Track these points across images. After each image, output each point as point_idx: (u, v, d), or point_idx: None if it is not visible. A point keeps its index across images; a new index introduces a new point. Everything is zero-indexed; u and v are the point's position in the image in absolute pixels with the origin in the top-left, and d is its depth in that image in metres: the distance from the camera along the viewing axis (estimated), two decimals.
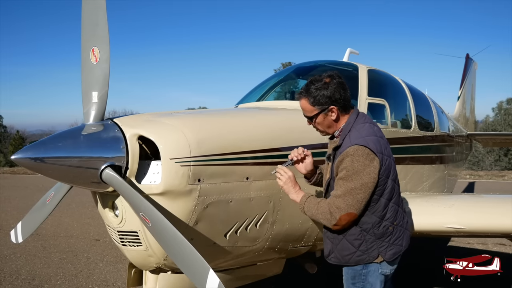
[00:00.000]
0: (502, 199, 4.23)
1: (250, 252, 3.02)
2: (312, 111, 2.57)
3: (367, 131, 2.52)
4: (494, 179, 19.07)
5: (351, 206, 2.40)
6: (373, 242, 2.53)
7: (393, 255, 2.57)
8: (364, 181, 2.38)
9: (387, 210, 2.53)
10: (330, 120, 2.58)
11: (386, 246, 2.55)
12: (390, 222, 2.54)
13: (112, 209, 2.68)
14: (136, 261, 2.80)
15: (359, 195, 2.39)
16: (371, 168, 2.39)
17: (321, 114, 2.56)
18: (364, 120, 2.60)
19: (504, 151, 32.24)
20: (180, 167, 2.49)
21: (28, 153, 2.33)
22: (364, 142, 2.42)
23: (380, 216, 2.51)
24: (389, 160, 2.51)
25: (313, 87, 2.54)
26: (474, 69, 11.72)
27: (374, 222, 2.51)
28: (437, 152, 5.99)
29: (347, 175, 2.39)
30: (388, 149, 2.55)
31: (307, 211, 2.56)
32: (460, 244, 7.19)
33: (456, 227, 3.41)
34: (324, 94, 2.51)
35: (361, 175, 2.38)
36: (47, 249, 7.16)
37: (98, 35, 2.57)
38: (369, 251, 2.53)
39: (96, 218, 9.08)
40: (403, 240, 2.62)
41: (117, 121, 2.56)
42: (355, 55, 5.93)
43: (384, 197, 2.50)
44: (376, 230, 2.52)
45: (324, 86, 2.52)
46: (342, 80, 2.58)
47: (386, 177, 2.49)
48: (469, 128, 10.54)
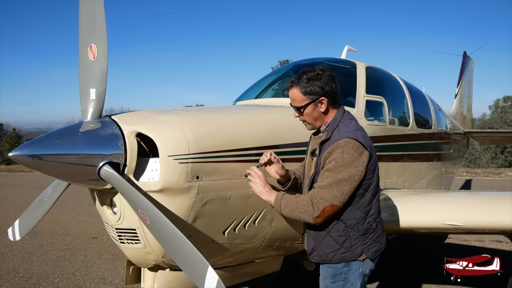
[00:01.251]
0: (499, 196, 4.25)
1: (249, 249, 3.02)
2: (302, 100, 2.53)
3: (355, 126, 2.52)
4: (490, 176, 19.15)
5: (335, 198, 2.36)
6: (357, 238, 2.49)
7: (375, 253, 2.55)
8: (352, 173, 2.36)
9: (372, 206, 2.52)
10: (319, 112, 2.55)
11: (369, 243, 2.52)
12: (373, 219, 2.53)
13: (110, 207, 2.67)
14: (135, 259, 2.79)
15: (345, 187, 2.36)
16: (359, 161, 2.38)
17: (311, 104, 2.53)
18: (350, 117, 2.59)
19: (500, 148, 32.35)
20: (179, 164, 2.48)
21: (25, 150, 2.32)
22: (354, 136, 2.42)
23: (364, 211, 2.49)
24: (375, 156, 2.51)
25: (305, 76, 2.52)
26: (471, 67, 11.74)
27: (359, 218, 2.48)
28: (434, 150, 6.01)
29: (336, 166, 2.36)
30: (373, 145, 2.55)
31: (284, 208, 2.47)
32: (457, 241, 7.21)
33: (453, 224, 3.41)
34: (317, 84, 2.49)
35: (350, 167, 2.36)
36: (45, 247, 7.14)
37: (96, 32, 2.56)
38: (352, 248, 2.49)
39: (93, 216, 9.07)
40: (383, 239, 2.61)
41: (115, 118, 2.55)
42: (353, 52, 5.94)
43: (370, 192, 2.49)
44: (360, 225, 2.49)
45: (316, 76, 2.50)
46: (333, 75, 2.57)
47: (373, 172, 2.49)
48: (466, 125, 10.57)
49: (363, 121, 4.18)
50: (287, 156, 2.99)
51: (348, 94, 4.59)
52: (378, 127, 4.40)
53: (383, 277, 5.43)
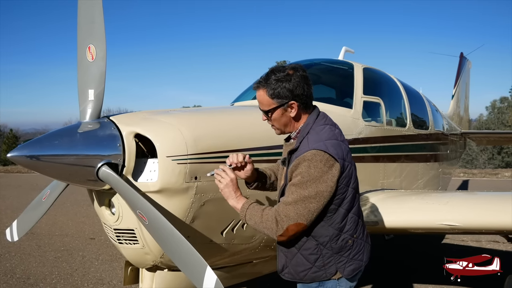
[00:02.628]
0: (496, 197, 4.27)
1: (247, 250, 3.03)
2: (269, 104, 2.26)
3: (327, 134, 2.23)
4: (487, 177, 19.19)
5: (301, 216, 2.11)
6: (331, 257, 2.25)
7: (353, 271, 2.29)
8: (320, 189, 2.11)
9: (346, 221, 2.26)
10: (288, 117, 2.28)
11: (345, 262, 2.28)
12: (349, 235, 2.28)
13: (109, 207, 2.68)
14: (133, 259, 2.80)
15: (312, 205, 2.12)
16: (329, 175, 2.12)
17: (279, 109, 2.25)
18: (325, 122, 2.31)
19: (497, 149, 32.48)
20: (177, 165, 2.49)
21: (24, 151, 2.33)
22: (324, 147, 2.14)
23: (338, 228, 2.24)
24: (350, 167, 2.24)
25: (274, 77, 2.23)
26: (468, 68, 11.79)
27: (331, 235, 2.24)
28: (431, 150, 6.03)
29: (302, 181, 2.11)
30: (350, 155, 2.27)
31: (248, 220, 2.23)
32: (454, 241, 7.24)
33: (450, 224, 3.43)
34: (286, 86, 2.21)
35: (317, 183, 2.10)
36: (42, 248, 7.13)
37: (94, 33, 2.57)
38: (326, 267, 2.26)
39: (91, 217, 9.06)
40: (364, 255, 2.35)
41: (114, 119, 2.56)
42: (351, 53, 5.96)
43: (343, 207, 2.24)
44: (334, 243, 2.25)
45: (286, 77, 2.22)
46: (307, 74, 2.28)
47: (346, 185, 2.22)
48: (463, 126, 10.61)
49: (360, 122, 4.20)
50: None
51: (345, 95, 4.61)
52: (376, 128, 4.41)
53: (380, 277, 5.45)
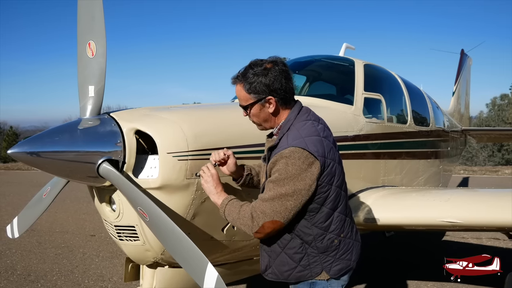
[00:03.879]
0: (497, 194, 4.26)
1: (247, 247, 3.03)
2: (247, 99, 2.23)
3: (308, 131, 2.18)
4: (488, 174, 19.19)
5: (277, 214, 2.08)
6: (316, 256, 2.22)
7: (339, 271, 2.25)
8: (298, 187, 2.07)
9: (332, 220, 2.22)
10: (267, 112, 2.25)
11: (332, 261, 2.24)
12: (335, 235, 2.23)
13: (109, 204, 2.67)
14: (133, 256, 2.80)
15: (289, 203, 2.08)
16: (307, 173, 2.08)
17: (256, 104, 2.22)
18: (307, 117, 2.25)
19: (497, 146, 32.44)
20: (178, 161, 2.48)
21: (24, 147, 2.32)
22: (303, 144, 2.10)
23: (322, 227, 2.20)
24: (333, 164, 2.18)
25: (251, 71, 2.19)
26: (468, 65, 11.77)
27: (315, 234, 2.20)
28: (432, 147, 6.03)
29: (279, 178, 2.08)
30: (334, 152, 2.23)
31: (227, 216, 2.24)
32: (455, 239, 7.24)
33: (451, 221, 3.42)
34: (262, 81, 2.17)
35: (295, 181, 2.06)
36: (43, 244, 7.14)
37: (94, 29, 2.55)
38: (311, 266, 2.22)
39: (91, 214, 9.07)
40: (352, 254, 2.30)
41: (114, 115, 2.55)
42: (351, 50, 5.95)
43: (327, 206, 2.19)
44: (319, 243, 2.21)
45: (263, 72, 2.18)
46: (286, 68, 2.23)
47: (329, 183, 2.17)
48: (463, 123, 10.59)
49: (361, 118, 4.19)
50: None
51: (346, 91, 4.60)
52: (376, 125, 4.40)
53: (379, 274, 5.45)
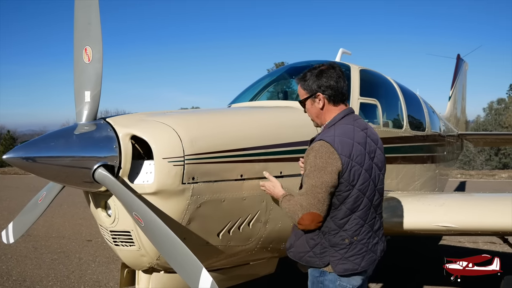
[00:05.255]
0: (493, 198, 4.28)
1: (243, 252, 3.03)
2: (303, 95, 2.57)
3: (343, 132, 2.38)
4: (485, 178, 19.25)
5: (312, 206, 2.28)
6: (326, 248, 2.38)
7: (344, 270, 2.36)
8: (325, 179, 2.27)
9: (348, 220, 2.36)
10: (317, 108, 2.52)
11: (339, 258, 2.37)
12: (348, 235, 2.36)
13: (105, 209, 2.67)
14: (129, 261, 2.79)
15: (320, 195, 2.27)
16: (332, 167, 2.27)
17: (309, 99, 2.53)
18: (350, 122, 2.46)
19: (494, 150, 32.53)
20: (173, 166, 2.49)
21: (20, 152, 2.32)
22: (331, 140, 2.32)
23: (338, 224, 2.36)
24: (357, 168, 2.34)
25: (309, 73, 2.54)
26: (465, 70, 11.82)
27: (330, 228, 2.37)
28: (428, 152, 6.04)
29: (310, 171, 2.31)
30: (363, 158, 2.37)
31: (283, 209, 2.49)
32: (451, 243, 7.25)
33: (447, 225, 3.44)
34: (315, 80, 2.49)
35: (322, 173, 2.27)
36: (39, 250, 7.12)
37: (91, 35, 2.57)
38: (321, 255, 2.39)
39: (88, 219, 9.04)
40: (362, 260, 2.39)
41: (110, 120, 2.56)
42: (347, 55, 5.97)
43: (345, 205, 2.34)
44: (331, 237, 2.36)
45: (318, 73, 2.50)
46: (340, 73, 2.52)
47: (350, 184, 2.32)
48: (460, 128, 10.63)
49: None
50: (280, 156, 3.01)
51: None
52: None
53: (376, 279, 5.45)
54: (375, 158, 2.46)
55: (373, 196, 2.43)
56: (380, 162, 2.50)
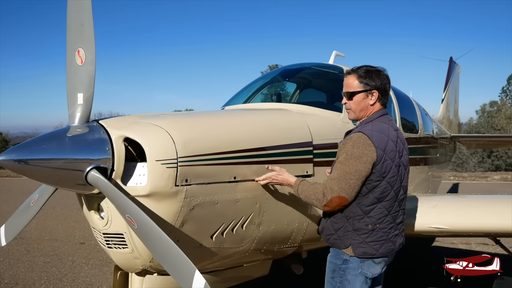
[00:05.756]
0: (485, 200, 4.32)
1: (237, 254, 3.03)
2: (356, 87, 2.68)
3: (379, 128, 2.59)
4: (477, 180, 19.38)
5: (343, 190, 2.48)
6: (349, 231, 2.58)
7: (363, 254, 2.57)
8: (359, 168, 2.46)
9: (373, 209, 2.55)
10: (367, 103, 2.68)
11: (360, 242, 2.57)
12: (372, 222, 2.56)
13: (98, 211, 2.66)
14: (122, 264, 2.79)
15: (352, 181, 2.47)
16: (368, 158, 2.47)
17: (363, 93, 2.67)
18: (385, 121, 2.68)
19: (487, 152, 32.74)
20: (166, 168, 2.48)
21: (12, 155, 2.31)
22: (369, 133, 2.52)
23: (364, 210, 2.55)
24: (389, 162, 2.54)
25: (365, 68, 2.70)
26: (457, 72, 11.91)
27: (356, 213, 2.56)
28: (421, 154, 6.07)
29: (346, 158, 2.50)
30: (395, 154, 2.59)
31: (301, 192, 2.64)
32: (444, 244, 7.29)
33: (439, 227, 3.46)
34: (374, 78, 2.66)
35: (357, 162, 2.46)
36: (31, 252, 7.07)
37: (83, 37, 2.56)
38: (343, 238, 2.60)
39: (81, 221, 8.99)
40: (381, 247, 2.59)
41: (103, 123, 2.55)
42: (341, 57, 5.99)
43: (374, 193, 2.54)
44: (356, 221, 2.56)
45: (376, 72, 2.68)
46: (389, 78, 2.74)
47: (381, 175, 2.52)
48: (453, 130, 10.70)
49: (351, 126, 4.22)
50: (274, 158, 3.01)
51: (335, 99, 4.62)
52: None
53: None
54: (402, 157, 2.67)
55: (399, 190, 2.63)
56: (406, 161, 2.71)
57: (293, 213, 3.16)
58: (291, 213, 3.14)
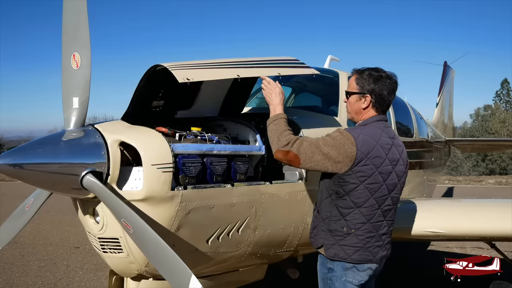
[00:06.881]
0: (480, 204, 4.34)
1: (232, 258, 3.02)
2: (352, 88, 2.66)
3: (369, 132, 2.54)
4: (472, 184, 19.48)
5: (303, 154, 2.46)
6: (323, 231, 2.59)
7: (334, 256, 2.53)
8: (331, 154, 2.44)
9: (351, 213, 2.50)
10: (360, 106, 2.64)
11: (333, 243, 2.53)
12: (348, 226, 2.50)
13: (93, 216, 2.65)
14: (117, 268, 2.77)
15: (318, 156, 2.45)
16: (346, 153, 2.44)
17: (356, 95, 2.64)
18: (380, 127, 2.60)
19: (481, 156, 32.92)
20: (162, 173, 2.48)
21: (7, 159, 2.30)
22: (356, 135, 2.48)
23: (341, 212, 2.52)
24: (370, 167, 2.46)
25: (368, 72, 2.63)
26: (452, 76, 11.98)
27: (332, 214, 2.55)
28: (416, 158, 6.09)
29: (326, 139, 2.49)
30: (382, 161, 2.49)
31: (269, 129, 2.62)
32: (440, 248, 7.30)
33: (434, 231, 3.47)
34: (370, 82, 2.59)
35: (333, 148, 2.44)
36: (25, 257, 7.02)
37: (79, 40, 2.55)
38: (316, 237, 2.64)
39: (75, 225, 8.94)
40: (355, 254, 2.51)
41: (98, 127, 2.54)
42: (336, 62, 6.01)
43: (350, 197, 2.48)
44: (332, 222, 2.55)
45: (376, 77, 2.60)
46: (394, 86, 2.64)
47: (358, 179, 2.45)
48: (447, 134, 10.75)
49: None
50: None
51: (331, 103, 4.64)
52: None
53: None
54: (397, 167, 2.57)
55: (383, 200, 2.53)
56: (401, 172, 2.61)
57: (289, 218, 3.16)
58: (287, 217, 3.15)
